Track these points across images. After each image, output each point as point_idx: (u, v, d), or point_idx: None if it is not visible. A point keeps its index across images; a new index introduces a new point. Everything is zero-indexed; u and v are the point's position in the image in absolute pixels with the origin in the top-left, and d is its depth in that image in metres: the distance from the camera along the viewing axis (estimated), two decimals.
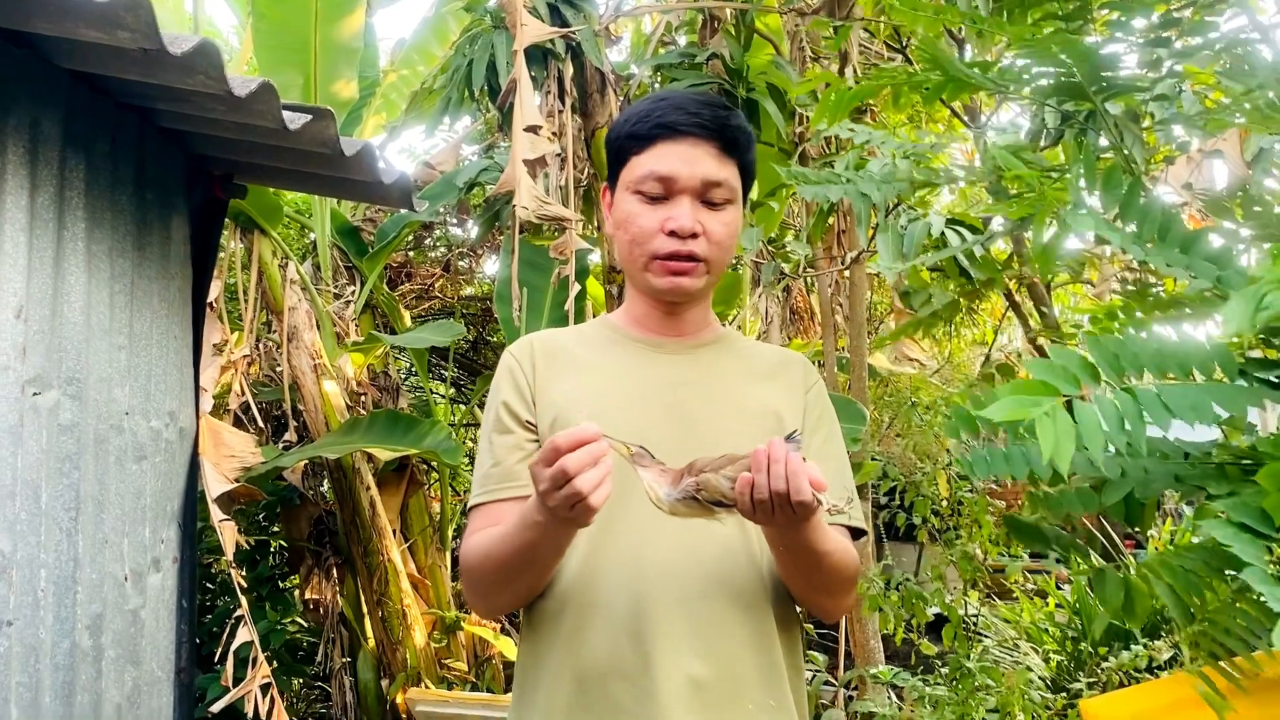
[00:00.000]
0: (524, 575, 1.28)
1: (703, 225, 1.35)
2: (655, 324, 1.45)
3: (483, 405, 4.79)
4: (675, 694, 1.25)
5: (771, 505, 1.12)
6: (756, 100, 3.67)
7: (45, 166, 2.24)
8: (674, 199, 1.35)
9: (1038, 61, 1.55)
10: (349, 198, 4.32)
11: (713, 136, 1.35)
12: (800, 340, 5.72)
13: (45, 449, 2.21)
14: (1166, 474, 1.19)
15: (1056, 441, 0.88)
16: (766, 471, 1.11)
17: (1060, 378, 0.95)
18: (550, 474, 1.09)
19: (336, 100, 4.37)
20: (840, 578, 1.32)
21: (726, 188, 1.36)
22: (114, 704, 2.41)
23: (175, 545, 2.73)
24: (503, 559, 1.26)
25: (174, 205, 2.76)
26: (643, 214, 1.36)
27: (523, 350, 1.44)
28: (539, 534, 1.20)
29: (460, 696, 4.04)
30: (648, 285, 1.40)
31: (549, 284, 4.07)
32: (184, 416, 2.80)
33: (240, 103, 2.18)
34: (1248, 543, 0.92)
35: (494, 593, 1.33)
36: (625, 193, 1.38)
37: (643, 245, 1.36)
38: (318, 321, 4.55)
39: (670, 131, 1.34)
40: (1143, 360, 1.01)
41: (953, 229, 2.99)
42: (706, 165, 1.35)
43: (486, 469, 1.37)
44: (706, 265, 1.37)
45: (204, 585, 5.00)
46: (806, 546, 1.23)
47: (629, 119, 1.39)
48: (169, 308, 2.72)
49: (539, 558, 1.25)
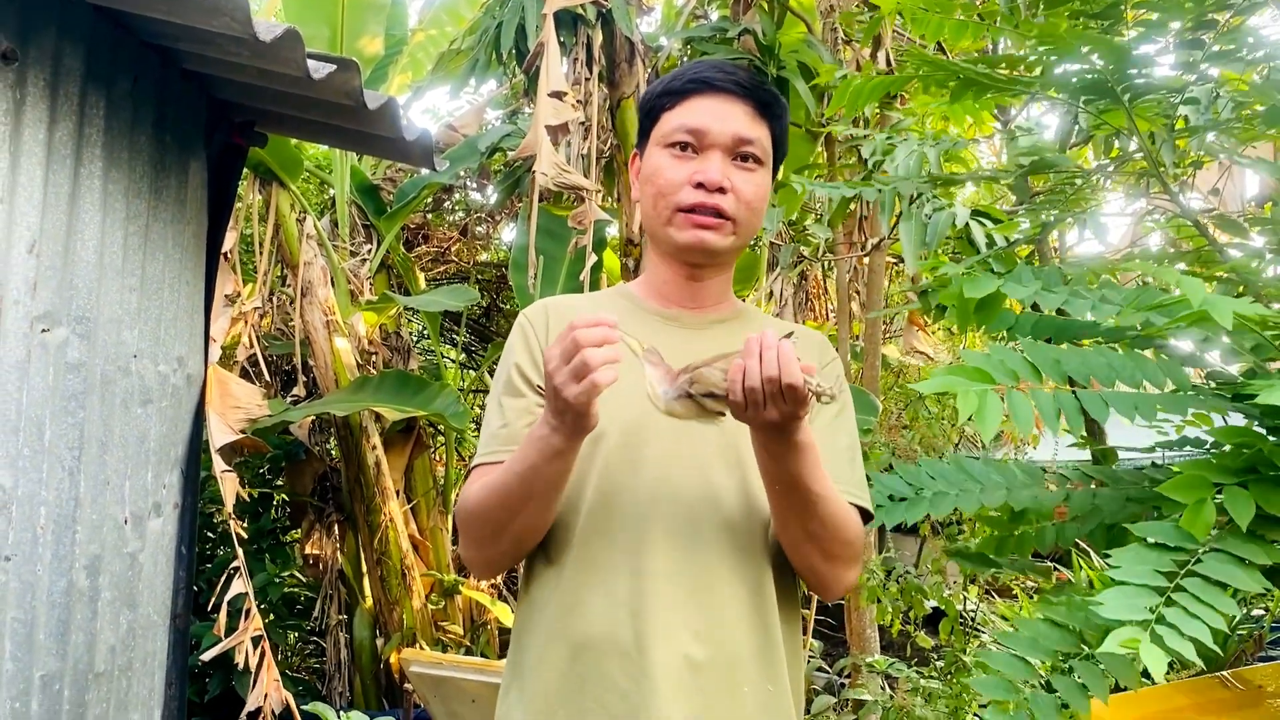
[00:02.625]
0: (522, 511, 1.25)
1: (731, 182, 1.32)
2: (675, 293, 1.42)
3: (493, 372, 4.79)
4: (670, 674, 1.23)
5: (763, 394, 1.11)
6: (787, 79, 3.62)
7: (65, 101, 2.22)
8: (704, 153, 1.33)
9: (1064, 59, 1.52)
10: (370, 153, 4.29)
11: (748, 95, 1.34)
12: (812, 323, 5.68)
13: (51, 386, 2.20)
14: (1118, 498, 1.30)
15: (985, 416, 1.00)
16: (759, 358, 1.11)
17: (999, 370, 1.06)
18: (563, 348, 1.10)
19: (362, 55, 4.34)
20: (838, 536, 1.27)
21: (758, 146, 1.35)
22: (108, 645, 2.41)
23: (177, 491, 2.72)
24: (502, 491, 1.24)
25: (193, 149, 2.73)
26: (670, 166, 1.34)
27: (537, 314, 1.42)
28: (541, 449, 1.18)
29: (454, 660, 4.04)
30: (670, 241, 1.37)
31: (565, 253, 4.04)
32: (192, 363, 2.79)
33: (264, 48, 2.15)
34: (1131, 595, 0.97)
35: (490, 539, 1.29)
36: (655, 148, 1.37)
37: (668, 197, 1.34)
38: (332, 278, 4.53)
39: (705, 86, 1.34)
40: (1090, 369, 1.13)
41: (977, 220, 2.95)
42: (739, 121, 1.33)
43: (494, 429, 1.35)
44: (734, 225, 1.34)
45: (205, 534, 5.02)
46: (798, 479, 1.20)
47: (663, 80, 1.39)
48: (182, 252, 2.70)
49: (539, 482, 1.22)
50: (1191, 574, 0.98)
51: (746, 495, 1.32)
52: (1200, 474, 1.05)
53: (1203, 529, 1.00)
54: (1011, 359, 1.12)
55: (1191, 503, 1.01)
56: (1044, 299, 1.33)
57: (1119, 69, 1.47)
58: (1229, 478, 1.05)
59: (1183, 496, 1.02)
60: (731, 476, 1.32)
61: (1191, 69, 1.61)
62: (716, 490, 1.31)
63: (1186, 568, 0.98)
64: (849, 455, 1.39)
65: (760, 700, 1.28)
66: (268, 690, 3.39)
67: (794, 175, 4.18)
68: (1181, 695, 1.69)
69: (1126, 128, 1.64)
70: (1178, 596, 0.95)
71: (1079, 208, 1.97)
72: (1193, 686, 1.73)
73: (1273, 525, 1.02)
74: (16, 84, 2.09)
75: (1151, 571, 0.97)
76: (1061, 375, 1.13)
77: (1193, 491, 1.02)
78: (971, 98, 1.75)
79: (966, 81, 1.68)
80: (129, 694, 2.52)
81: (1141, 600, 0.95)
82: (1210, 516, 1.01)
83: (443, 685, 3.77)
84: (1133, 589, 0.96)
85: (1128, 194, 3.01)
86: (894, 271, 5.69)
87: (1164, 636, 0.91)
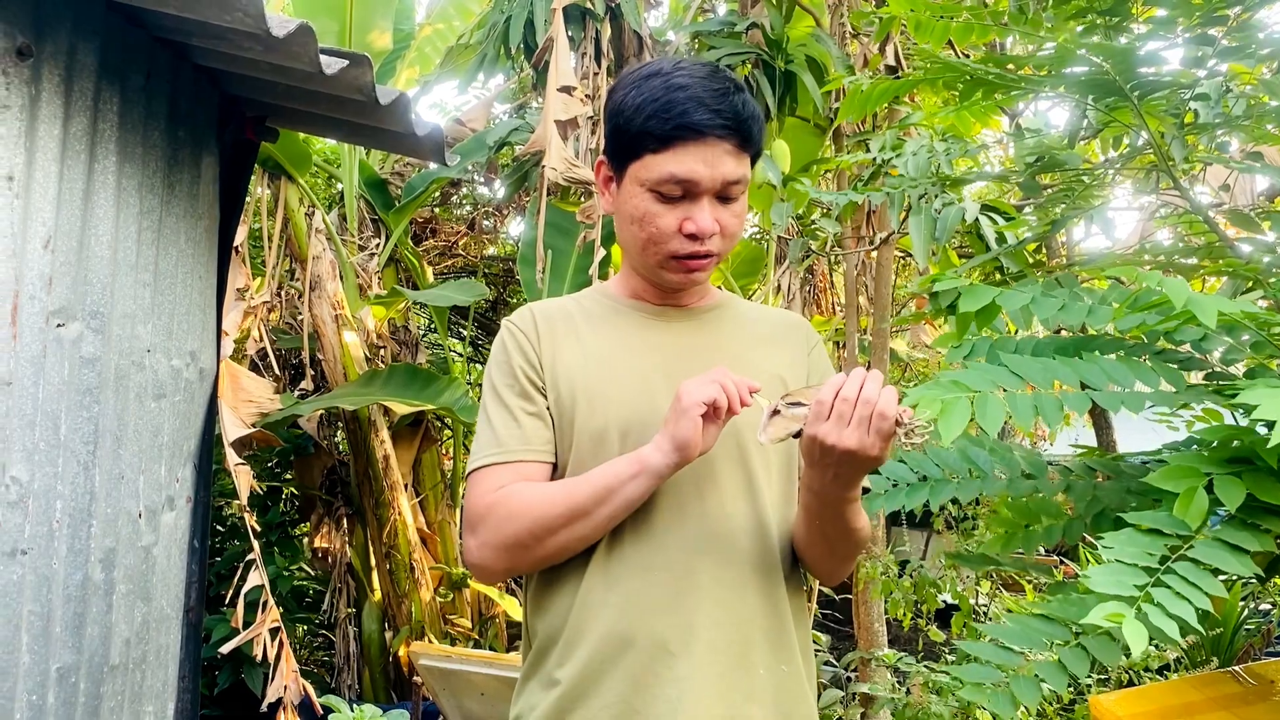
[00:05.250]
0: (586, 525, 1.28)
1: (719, 223, 1.33)
2: (654, 297, 1.45)
3: None
4: (689, 658, 1.26)
5: (851, 413, 1.15)
6: (795, 73, 3.62)
7: (80, 97, 2.23)
8: (693, 200, 1.31)
9: (1070, 61, 1.53)
10: (381, 148, 4.29)
11: (732, 134, 1.30)
12: (820, 318, 5.68)
13: (66, 381, 2.21)
14: (1119, 490, 1.33)
15: (950, 420, 1.06)
16: (861, 381, 1.16)
17: (980, 381, 1.13)
18: (707, 376, 1.22)
19: (371, 49, 4.34)
20: (851, 539, 1.34)
21: (743, 182, 1.34)
22: (123, 638, 2.42)
23: (190, 485, 2.74)
24: (567, 503, 1.27)
25: (205, 144, 2.74)
26: (660, 214, 1.32)
27: (525, 320, 1.42)
28: (642, 472, 1.25)
29: (463, 653, 4.05)
30: (659, 279, 1.40)
31: (574, 248, 4.04)
32: (205, 357, 2.80)
33: (277, 43, 2.15)
34: (1123, 573, 1.00)
35: (533, 544, 1.29)
36: (639, 188, 1.33)
37: (660, 245, 1.34)
38: (341, 272, 4.54)
39: (691, 133, 1.29)
40: (1082, 377, 1.20)
41: (987, 215, 2.95)
42: (726, 166, 1.31)
43: (506, 430, 1.35)
44: (718, 257, 1.37)
45: (215, 528, 5.04)
46: (843, 508, 1.26)
47: (642, 109, 1.30)
48: (195, 247, 2.71)
49: (621, 503, 1.27)
50: (1183, 558, 1.00)
51: (751, 486, 1.36)
52: (1191, 465, 1.07)
53: (1196, 515, 1.02)
54: (993, 373, 1.16)
55: (1182, 491, 1.03)
56: (1040, 305, 1.33)
57: (1125, 69, 1.48)
58: (1220, 469, 1.07)
59: (1173, 486, 1.05)
60: (737, 469, 1.36)
61: (1200, 64, 1.61)
62: (720, 480, 1.34)
63: (1179, 553, 1.00)
64: None
65: (776, 680, 1.31)
66: (287, 682, 3.41)
67: (801, 174, 4.19)
68: (1192, 690, 1.69)
69: (1134, 124, 1.65)
70: (1167, 578, 0.98)
71: (1087, 204, 1.97)
72: (1203, 681, 1.74)
73: (1267, 514, 1.05)
74: (31, 80, 2.10)
75: (1143, 553, 1.00)
76: (1049, 383, 1.18)
77: (1183, 481, 1.05)
78: (981, 97, 1.75)
79: (976, 82, 1.69)
80: (143, 686, 2.54)
81: (1130, 578, 0.97)
82: (1203, 504, 1.03)
83: (451, 679, 3.79)
84: (1123, 568, 0.99)
85: (1136, 189, 3.00)
86: (902, 265, 5.69)
87: (1149, 614, 0.93)
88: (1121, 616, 0.92)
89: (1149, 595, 0.96)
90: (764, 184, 3.42)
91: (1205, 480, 1.07)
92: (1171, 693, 1.80)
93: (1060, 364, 1.24)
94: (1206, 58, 1.62)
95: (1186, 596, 0.96)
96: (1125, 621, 0.92)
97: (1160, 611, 0.94)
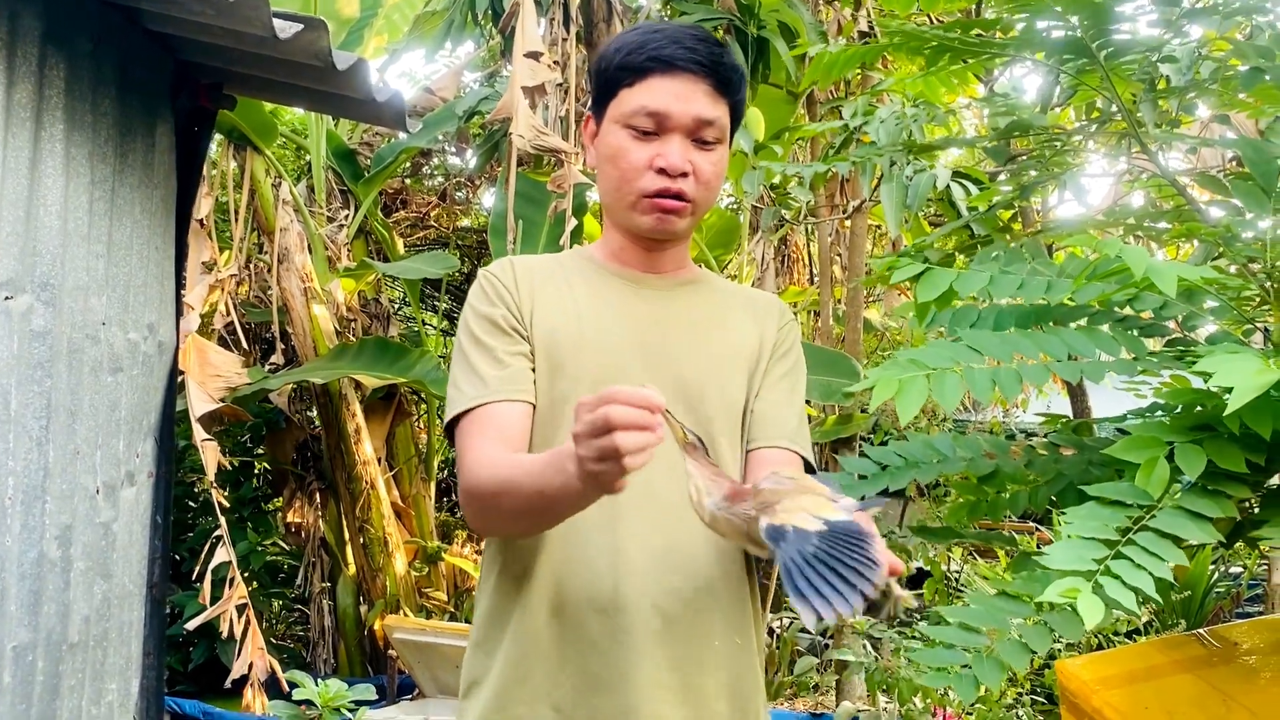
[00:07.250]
0: (538, 519, 1.22)
1: (692, 164, 1.31)
2: (633, 259, 1.41)
3: None
4: (645, 629, 1.25)
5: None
6: (767, 39, 3.58)
7: (24, 63, 2.16)
8: (665, 136, 1.30)
9: (1039, 16, 1.51)
10: (341, 115, 4.23)
11: (707, 74, 1.30)
12: (796, 288, 5.66)
13: (16, 355, 2.16)
14: (1081, 462, 1.34)
15: (906, 400, 1.08)
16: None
17: (938, 359, 1.14)
18: (591, 419, 0.98)
19: (338, 17, 4.26)
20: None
21: (718, 127, 1.33)
22: (82, 615, 2.39)
23: (151, 460, 2.69)
24: (521, 496, 1.19)
25: (159, 112, 2.67)
26: (632, 149, 1.31)
27: (504, 269, 1.40)
28: (562, 491, 1.11)
29: (438, 626, 4.04)
30: (632, 223, 1.36)
31: (545, 219, 4.00)
32: (163, 330, 2.75)
33: (228, 6, 2.09)
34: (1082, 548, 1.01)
35: (501, 524, 1.29)
36: (614, 125, 1.33)
37: (631, 182, 1.32)
38: (310, 244, 4.48)
39: (665, 65, 1.29)
40: (1042, 348, 1.22)
41: (958, 182, 2.93)
42: (700, 103, 1.30)
43: (487, 370, 1.31)
44: (693, 206, 1.34)
45: (186, 504, 5.00)
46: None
47: (621, 49, 1.33)
48: (150, 218, 2.65)
49: (554, 509, 1.18)
50: (1145, 528, 0.99)
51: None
52: (1153, 435, 1.08)
53: (1158, 485, 1.02)
54: (952, 350, 1.16)
55: (1144, 461, 1.03)
56: (999, 285, 1.33)
57: (1096, 27, 1.45)
58: (1182, 436, 1.06)
59: (1134, 456, 1.05)
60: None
61: (1171, 26, 1.58)
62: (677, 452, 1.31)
63: (1141, 523, 1.00)
64: (799, 412, 1.42)
65: (729, 652, 1.31)
66: (252, 659, 3.40)
67: (774, 141, 4.15)
68: (1157, 653, 1.70)
69: (1102, 88, 1.62)
70: (1126, 549, 0.98)
71: (1059, 169, 1.95)
72: (1169, 644, 1.75)
73: (1229, 481, 1.04)
74: None
75: (1103, 526, 1.00)
76: (1009, 357, 1.18)
77: (1144, 451, 1.05)
78: (948, 64, 1.73)
79: (941, 48, 1.66)
80: (105, 664, 2.50)
81: (1088, 552, 0.98)
82: (1164, 473, 1.04)
83: (427, 652, 3.78)
84: (1081, 542, 0.99)
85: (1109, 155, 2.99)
86: (876, 234, 5.66)
87: (1105, 586, 0.93)
88: (1077, 592, 0.92)
89: (1107, 568, 0.95)
90: (736, 151, 3.38)
91: (1166, 450, 1.07)
92: (1137, 656, 1.81)
93: (1020, 336, 1.25)
94: (1176, 20, 1.60)
95: (1145, 566, 0.97)
96: (1080, 596, 0.92)
97: (1118, 583, 0.95)
